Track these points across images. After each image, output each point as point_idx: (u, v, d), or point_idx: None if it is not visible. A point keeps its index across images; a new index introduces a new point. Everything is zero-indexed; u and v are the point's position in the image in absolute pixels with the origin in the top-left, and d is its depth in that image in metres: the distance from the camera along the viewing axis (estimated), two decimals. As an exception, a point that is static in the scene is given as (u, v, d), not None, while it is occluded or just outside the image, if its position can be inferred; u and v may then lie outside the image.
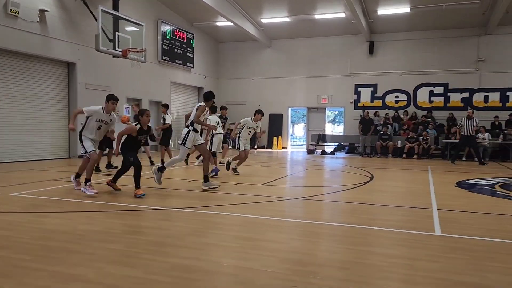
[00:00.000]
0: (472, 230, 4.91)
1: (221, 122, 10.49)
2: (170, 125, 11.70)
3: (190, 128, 7.50)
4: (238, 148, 9.62)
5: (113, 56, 13.54)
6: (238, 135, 9.66)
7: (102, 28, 12.46)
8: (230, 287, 3.11)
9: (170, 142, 12.00)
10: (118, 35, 13.10)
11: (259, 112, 9.67)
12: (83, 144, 6.88)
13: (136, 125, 6.74)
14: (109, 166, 10.40)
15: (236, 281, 3.23)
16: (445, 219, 5.44)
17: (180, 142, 7.55)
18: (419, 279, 3.28)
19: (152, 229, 4.69)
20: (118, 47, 13.11)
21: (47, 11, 12.59)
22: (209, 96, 7.74)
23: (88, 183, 6.66)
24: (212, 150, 9.78)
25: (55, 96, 13.61)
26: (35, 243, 4.07)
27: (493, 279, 3.29)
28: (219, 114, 11.11)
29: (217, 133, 9.92)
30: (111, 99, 7.08)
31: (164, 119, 11.66)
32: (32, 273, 3.26)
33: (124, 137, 6.69)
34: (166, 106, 11.99)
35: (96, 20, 12.59)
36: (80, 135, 6.93)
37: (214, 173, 9.17)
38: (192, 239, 4.30)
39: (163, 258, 3.64)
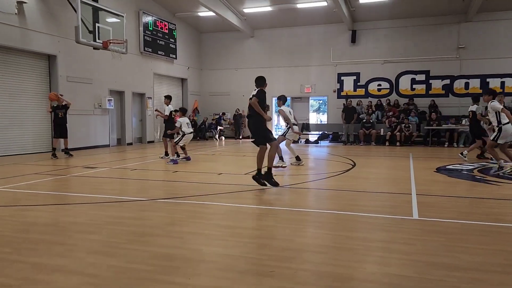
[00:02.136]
0: (448, 214, 5.06)
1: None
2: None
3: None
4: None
5: (94, 48, 13.34)
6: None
7: (81, 20, 12.25)
8: (210, 273, 3.17)
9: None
10: (98, 27, 12.90)
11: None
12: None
13: None
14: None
15: (216, 267, 3.30)
16: (423, 203, 5.59)
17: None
18: (393, 261, 3.39)
19: (134, 219, 4.72)
20: (98, 39, 12.92)
21: (25, 2, 12.32)
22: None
23: None
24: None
25: (36, 89, 13.39)
26: (16, 235, 4.08)
27: (464, 259, 3.41)
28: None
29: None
30: None
31: (165, 111, 11.58)
32: (12, 265, 3.27)
33: None
34: (169, 98, 11.77)
35: (75, 11, 12.37)
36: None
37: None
38: (173, 228, 4.35)
39: (144, 247, 3.68)
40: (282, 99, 9.89)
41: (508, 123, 8.54)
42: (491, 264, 3.30)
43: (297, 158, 9.93)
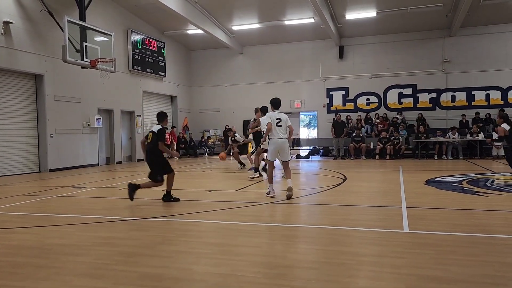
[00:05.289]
0: (438, 226, 5.07)
1: None
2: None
3: None
4: None
5: (82, 67, 13.30)
6: None
7: (69, 39, 12.23)
8: (200, 293, 3.12)
9: None
10: (86, 46, 12.87)
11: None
12: None
13: None
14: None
15: (206, 286, 3.25)
16: (413, 216, 5.60)
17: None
18: (385, 275, 3.38)
19: (123, 239, 4.65)
20: (86, 58, 12.88)
21: (12, 23, 12.31)
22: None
23: None
24: None
25: (23, 109, 13.27)
26: (1, 259, 3.97)
27: (455, 271, 3.41)
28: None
29: None
30: None
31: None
32: (-5, 291, 3.18)
33: None
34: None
35: (62, 30, 12.37)
36: None
37: None
38: (163, 247, 4.28)
39: (133, 268, 3.62)
40: (262, 110, 10.28)
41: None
42: (481, 275, 3.30)
43: (255, 170, 10.48)
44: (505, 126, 9.29)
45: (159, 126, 6.94)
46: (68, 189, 9.10)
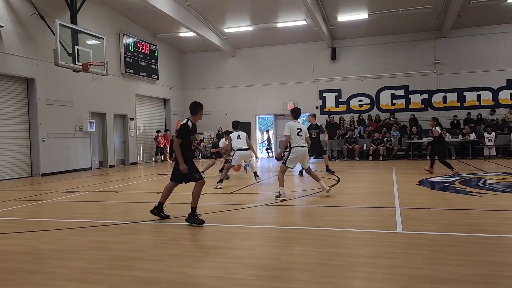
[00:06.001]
0: (431, 226, 5.10)
1: None
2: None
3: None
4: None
5: (74, 71, 13.20)
6: None
7: (60, 42, 12.16)
8: (194, 297, 3.11)
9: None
10: (77, 49, 12.79)
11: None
12: None
13: None
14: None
15: (200, 290, 3.23)
16: (407, 216, 5.63)
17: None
18: (379, 276, 3.39)
19: (116, 243, 4.62)
20: (78, 61, 12.79)
21: (2, 26, 12.21)
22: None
23: None
24: None
25: (14, 113, 13.15)
26: (-8, 266, 3.93)
27: (448, 271, 3.43)
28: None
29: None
30: None
31: None
32: (-13, 297, 3.15)
33: None
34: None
35: (54, 34, 12.29)
36: None
37: None
38: (156, 251, 4.26)
39: (126, 272, 3.60)
40: (233, 125, 10.78)
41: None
42: (474, 275, 3.33)
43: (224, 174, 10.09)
44: (438, 129, 10.81)
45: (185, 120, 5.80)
46: (61, 194, 9.03)
